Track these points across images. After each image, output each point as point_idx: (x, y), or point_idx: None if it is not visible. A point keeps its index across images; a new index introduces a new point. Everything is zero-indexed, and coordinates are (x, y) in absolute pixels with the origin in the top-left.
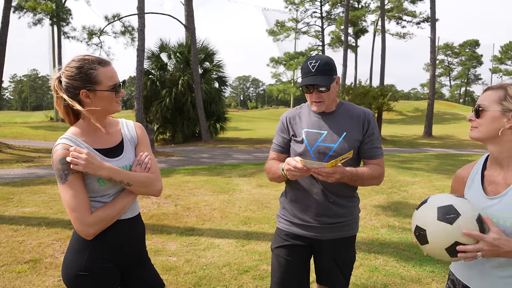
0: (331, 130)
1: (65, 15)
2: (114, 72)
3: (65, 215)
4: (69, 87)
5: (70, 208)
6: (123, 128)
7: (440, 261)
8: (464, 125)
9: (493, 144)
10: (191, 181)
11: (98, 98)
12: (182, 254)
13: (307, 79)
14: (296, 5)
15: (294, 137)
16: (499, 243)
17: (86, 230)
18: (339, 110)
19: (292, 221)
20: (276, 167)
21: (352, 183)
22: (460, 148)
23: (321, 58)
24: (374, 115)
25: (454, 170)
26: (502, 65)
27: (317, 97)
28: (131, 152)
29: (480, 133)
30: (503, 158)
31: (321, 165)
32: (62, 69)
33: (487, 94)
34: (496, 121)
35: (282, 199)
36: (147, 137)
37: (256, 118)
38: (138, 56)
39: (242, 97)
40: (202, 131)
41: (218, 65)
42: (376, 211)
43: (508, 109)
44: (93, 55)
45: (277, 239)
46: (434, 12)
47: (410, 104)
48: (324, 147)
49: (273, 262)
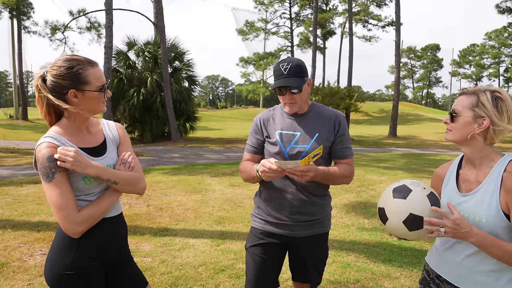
0: (304, 131)
1: (26, 8)
2: (101, 72)
3: (31, 217)
4: (56, 87)
5: (57, 207)
6: (105, 128)
7: (407, 256)
8: (426, 125)
9: (466, 146)
10: (162, 181)
11: (86, 98)
12: (157, 254)
13: (279, 81)
14: (265, 6)
15: (268, 138)
16: (460, 222)
17: (74, 228)
18: (311, 112)
19: (267, 219)
20: (251, 168)
21: (325, 182)
22: (423, 147)
23: (293, 61)
24: (344, 117)
25: (418, 169)
26: (460, 69)
27: (289, 98)
28: (113, 152)
29: (454, 136)
30: (475, 159)
31: (295, 164)
32: (48, 67)
33: (461, 99)
34: (468, 126)
35: (257, 198)
36: (128, 137)
37: (225, 118)
38: (106, 53)
39: (212, 96)
40: (172, 131)
41: (188, 64)
42: (346, 209)
43: (479, 115)
44: (80, 55)
45: (252, 237)
46: (398, 17)
47: (376, 105)
48: (298, 148)
49: (248, 260)
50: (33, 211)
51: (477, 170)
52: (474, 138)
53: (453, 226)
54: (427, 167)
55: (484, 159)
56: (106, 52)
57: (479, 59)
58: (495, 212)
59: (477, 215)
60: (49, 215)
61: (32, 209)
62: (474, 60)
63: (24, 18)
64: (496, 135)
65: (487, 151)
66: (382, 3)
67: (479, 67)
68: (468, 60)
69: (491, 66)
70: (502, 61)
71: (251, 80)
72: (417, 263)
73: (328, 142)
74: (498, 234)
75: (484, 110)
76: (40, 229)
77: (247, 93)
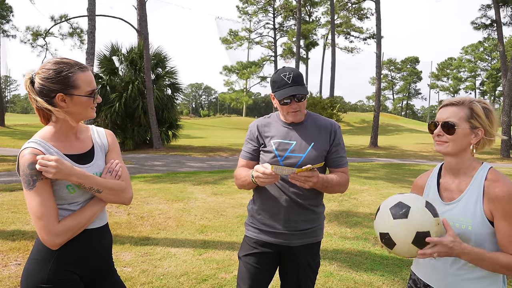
0: (299, 140)
1: (5, 12)
2: (92, 77)
3: (6, 226)
4: (44, 89)
5: (37, 216)
6: (94, 134)
7: (389, 265)
8: (406, 136)
9: (455, 157)
10: (144, 189)
11: (74, 103)
12: (138, 264)
13: (287, 90)
14: (249, 16)
15: (263, 146)
16: (453, 245)
17: (53, 240)
18: (307, 121)
19: (261, 228)
20: (246, 174)
21: (323, 190)
22: (403, 158)
23: (293, 70)
24: (339, 126)
25: (399, 178)
26: (439, 81)
27: (295, 107)
28: (101, 159)
29: (451, 148)
30: (460, 169)
31: (291, 171)
32: (36, 70)
33: (453, 111)
34: (466, 137)
35: (250, 207)
36: (117, 145)
37: (208, 126)
38: (88, 59)
39: (194, 104)
40: (154, 138)
41: (171, 71)
42: (329, 218)
43: (475, 126)
44: (71, 59)
45: (246, 247)
46: (379, 29)
47: (357, 115)
48: (293, 157)
49: (241, 270)
50: (8, 220)
51: (459, 179)
52: (467, 149)
53: (446, 250)
54: (407, 177)
55: (467, 168)
56: (88, 58)
57: (456, 72)
58: (481, 220)
59: (462, 223)
60: (25, 224)
61: (7, 218)
62: (451, 73)
63: (3, 22)
64: (488, 144)
65: (470, 161)
66: (363, 16)
67: (456, 80)
68: (446, 73)
69: (468, 79)
70: (478, 75)
71: (234, 88)
72: (398, 272)
73: (324, 152)
74: (484, 240)
75: (479, 121)
76: (15, 238)
77: (230, 101)
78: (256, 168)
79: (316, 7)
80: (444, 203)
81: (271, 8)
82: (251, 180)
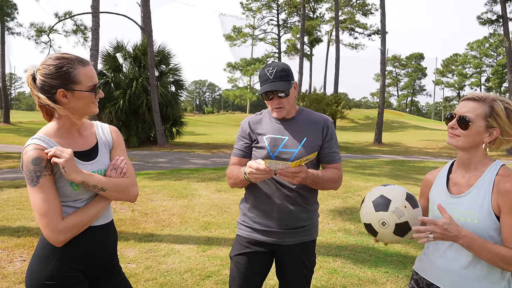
0: (292, 135)
1: (10, 9)
2: (93, 72)
3: (11, 222)
4: (45, 86)
5: (40, 213)
6: (98, 131)
7: (393, 262)
8: (411, 133)
9: (467, 152)
10: (148, 186)
11: (76, 98)
12: (142, 260)
13: (266, 85)
14: (253, 12)
15: (255, 142)
16: (448, 227)
17: (57, 237)
18: (299, 117)
19: (254, 227)
20: (238, 172)
21: (314, 186)
22: (407, 154)
23: (278, 65)
24: (332, 121)
25: (403, 175)
26: (443, 78)
27: (277, 103)
28: (106, 156)
29: (462, 142)
30: (471, 164)
31: (285, 165)
32: (38, 66)
33: (472, 106)
34: (479, 135)
35: (243, 205)
36: (122, 141)
37: (212, 123)
38: (92, 56)
39: (198, 101)
40: (158, 135)
41: (175, 68)
42: (332, 215)
43: (491, 125)
44: (72, 54)
45: (237, 246)
46: (384, 25)
47: (361, 112)
48: (286, 152)
49: (232, 270)
50: (13, 216)
51: (469, 174)
52: (478, 146)
53: (441, 231)
54: (411, 174)
55: (479, 164)
56: (92, 55)
57: (462, 69)
58: (487, 214)
59: (468, 217)
60: (30, 220)
61: (13, 214)
62: (456, 69)
63: (7, 19)
64: (506, 144)
65: (482, 157)
66: (368, 12)
67: (462, 76)
68: (451, 69)
69: (473, 76)
70: (484, 71)
71: (238, 85)
72: (402, 269)
73: (317, 147)
74: (489, 235)
75: (498, 120)
76: (21, 234)
77: (234, 98)
78: (249, 164)
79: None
80: (451, 196)
81: (275, 5)
82: (244, 177)
